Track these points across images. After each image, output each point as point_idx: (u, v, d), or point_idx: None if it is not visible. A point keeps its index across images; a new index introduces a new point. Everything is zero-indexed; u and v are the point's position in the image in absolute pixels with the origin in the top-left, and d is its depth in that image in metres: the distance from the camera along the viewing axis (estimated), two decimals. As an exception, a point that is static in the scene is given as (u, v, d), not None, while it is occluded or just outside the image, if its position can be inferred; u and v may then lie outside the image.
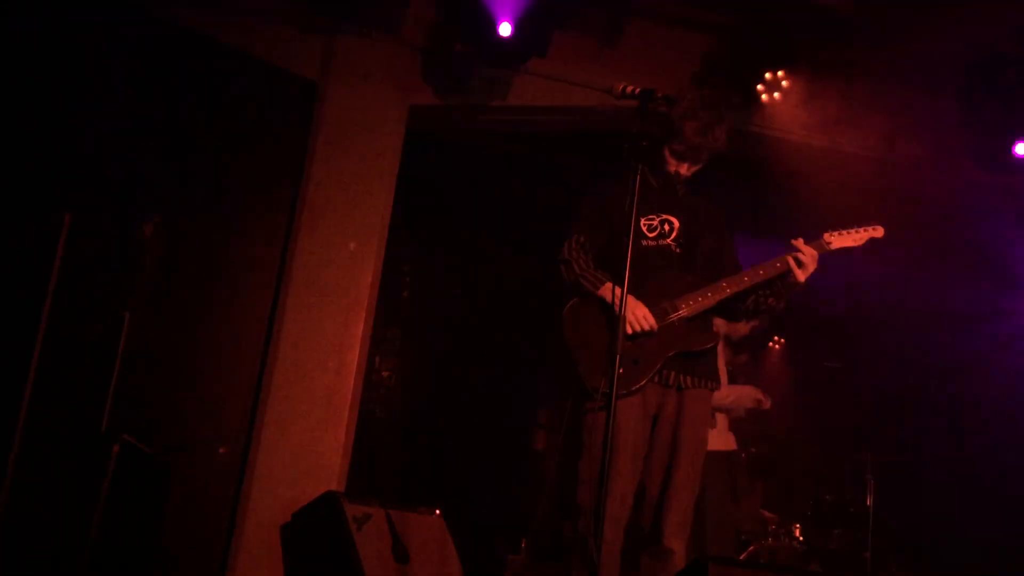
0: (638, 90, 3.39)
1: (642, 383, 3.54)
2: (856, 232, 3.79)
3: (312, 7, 5.40)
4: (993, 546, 6.51)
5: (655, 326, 3.57)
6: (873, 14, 5.43)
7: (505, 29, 5.19)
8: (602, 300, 3.57)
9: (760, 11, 5.47)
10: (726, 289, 3.68)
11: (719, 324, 5.79)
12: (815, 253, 3.66)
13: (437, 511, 4.99)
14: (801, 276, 3.63)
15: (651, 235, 3.73)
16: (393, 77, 5.51)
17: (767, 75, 5.47)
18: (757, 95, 5.49)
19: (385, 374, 6.61)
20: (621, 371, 3.33)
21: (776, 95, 5.49)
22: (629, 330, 3.53)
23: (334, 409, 5.18)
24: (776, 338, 8.59)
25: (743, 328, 6.00)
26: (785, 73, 5.47)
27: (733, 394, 5.87)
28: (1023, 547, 6.41)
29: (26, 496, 3.56)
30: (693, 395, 3.66)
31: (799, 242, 3.67)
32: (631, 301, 3.53)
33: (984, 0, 5.15)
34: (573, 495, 3.56)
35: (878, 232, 3.80)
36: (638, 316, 3.55)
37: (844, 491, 6.34)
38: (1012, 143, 5.59)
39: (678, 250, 3.74)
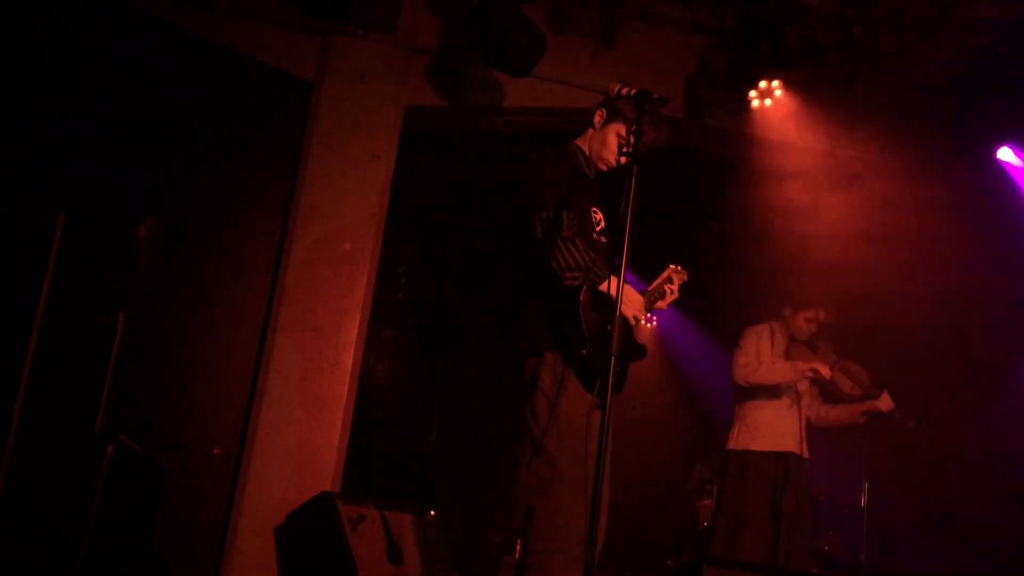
0: (633, 91, 3.39)
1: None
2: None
3: (308, 8, 5.39)
4: (989, 548, 6.52)
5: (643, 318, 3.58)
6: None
7: None
8: (603, 293, 3.41)
9: (754, 12, 5.49)
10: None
11: (777, 328, 5.55)
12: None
13: (432, 512, 5.00)
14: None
15: (597, 228, 3.65)
16: (389, 78, 5.51)
17: (762, 83, 5.44)
18: (750, 99, 5.50)
19: (380, 374, 6.61)
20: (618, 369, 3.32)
21: (768, 102, 5.48)
22: (633, 323, 3.53)
23: (329, 409, 5.18)
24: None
25: (807, 326, 5.42)
26: (781, 83, 5.45)
27: (770, 374, 5.17)
28: (1020, 547, 6.41)
29: (20, 496, 3.55)
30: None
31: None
32: (634, 293, 3.54)
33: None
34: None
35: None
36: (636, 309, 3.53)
37: (837, 492, 6.33)
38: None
39: (609, 244, 3.62)
